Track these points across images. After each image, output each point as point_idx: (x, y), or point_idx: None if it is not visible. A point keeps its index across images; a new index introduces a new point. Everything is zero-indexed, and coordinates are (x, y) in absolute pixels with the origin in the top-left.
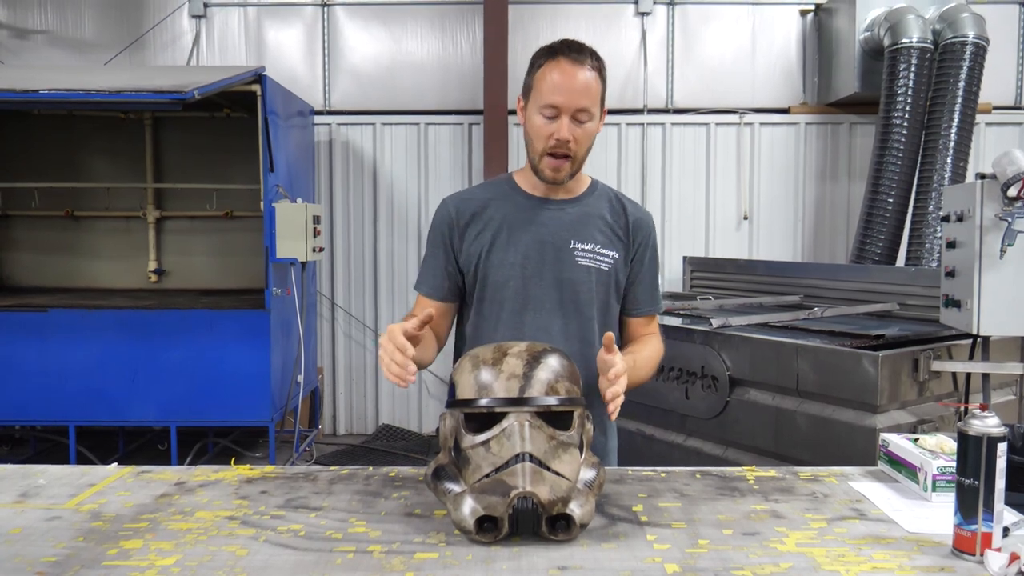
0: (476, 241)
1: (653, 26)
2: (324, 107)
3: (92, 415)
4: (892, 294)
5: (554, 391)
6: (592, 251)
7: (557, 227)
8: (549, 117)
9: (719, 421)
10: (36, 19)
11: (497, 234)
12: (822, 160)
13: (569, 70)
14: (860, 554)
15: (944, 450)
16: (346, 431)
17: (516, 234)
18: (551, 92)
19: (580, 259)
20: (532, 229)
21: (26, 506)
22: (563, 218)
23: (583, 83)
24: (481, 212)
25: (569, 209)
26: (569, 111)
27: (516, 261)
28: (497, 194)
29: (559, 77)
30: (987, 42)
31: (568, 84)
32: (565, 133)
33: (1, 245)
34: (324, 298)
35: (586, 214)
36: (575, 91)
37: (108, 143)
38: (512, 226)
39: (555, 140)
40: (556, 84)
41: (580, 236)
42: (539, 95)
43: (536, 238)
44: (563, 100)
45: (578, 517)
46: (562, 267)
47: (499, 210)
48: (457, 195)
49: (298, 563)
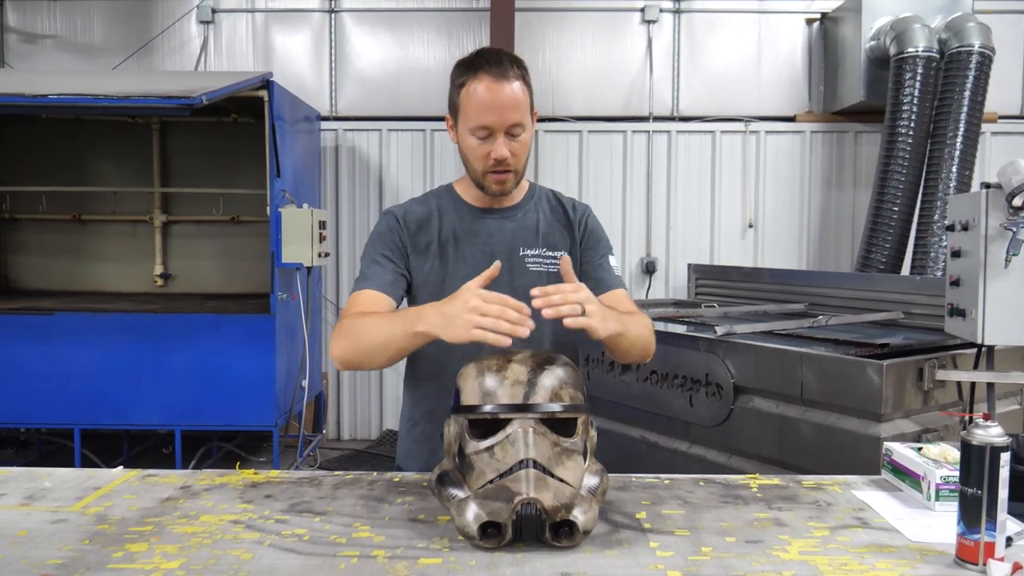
0: (424, 255)
1: (659, 34)
2: (331, 113)
3: (97, 418)
4: (897, 303)
5: (558, 398)
6: (540, 255)
7: (503, 236)
8: (482, 138)
9: (723, 429)
10: (45, 24)
11: (444, 248)
12: (827, 168)
13: (494, 87)
14: (863, 563)
15: (948, 459)
16: (350, 436)
17: (464, 247)
18: (479, 113)
19: (531, 265)
20: (479, 241)
21: (32, 509)
22: (508, 226)
23: (511, 98)
24: (426, 224)
25: (514, 216)
26: (502, 129)
27: (467, 274)
28: (440, 206)
29: (485, 96)
30: (993, 51)
31: (496, 102)
32: (503, 152)
33: (8, 248)
34: (329, 303)
35: (529, 219)
36: (505, 108)
37: (115, 147)
38: (459, 239)
39: (493, 160)
40: (483, 104)
41: (527, 242)
42: (467, 117)
43: (485, 250)
44: (494, 120)
45: (581, 524)
46: (513, 275)
47: (444, 223)
48: (399, 206)
49: (302, 568)
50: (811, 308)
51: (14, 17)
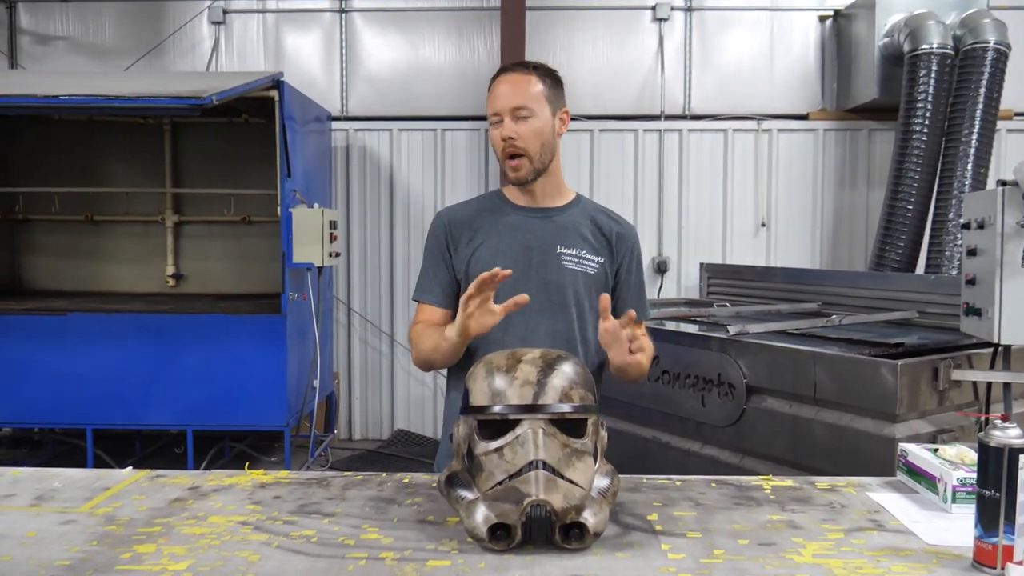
0: (467, 247)
1: (671, 32)
2: (341, 113)
3: (109, 418)
4: (911, 302)
5: (568, 398)
6: (578, 255)
7: (542, 233)
8: (495, 123)
9: (735, 429)
10: (57, 26)
11: (485, 240)
12: (841, 167)
13: (505, 79)
14: (878, 566)
15: (964, 461)
16: (362, 436)
17: (503, 240)
18: (491, 102)
19: (566, 263)
20: (519, 235)
21: (41, 509)
22: (548, 226)
23: (517, 84)
24: (472, 222)
25: (555, 217)
26: (507, 112)
27: (502, 264)
28: (487, 206)
29: (497, 87)
30: (1009, 48)
31: (503, 89)
32: (508, 132)
33: (21, 249)
34: (340, 303)
35: (571, 222)
36: (509, 93)
37: (127, 148)
38: (500, 233)
39: (502, 141)
40: (495, 94)
41: (566, 242)
42: (488, 111)
43: (522, 243)
44: (501, 103)
45: (592, 526)
46: (548, 270)
47: (488, 220)
48: (450, 208)
49: (310, 569)
50: (824, 307)
51: (26, 19)
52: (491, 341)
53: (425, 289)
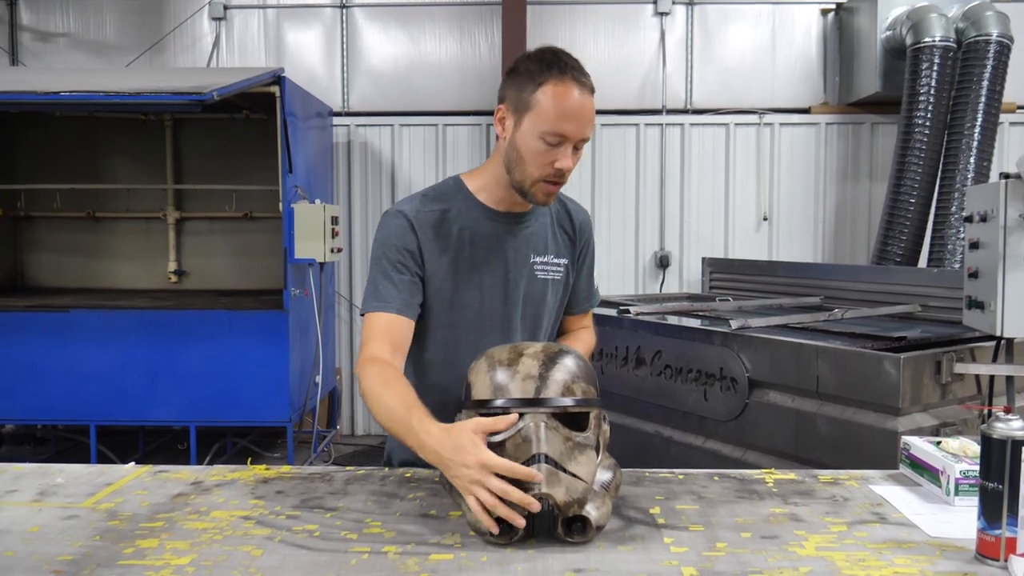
0: (439, 259)
1: (672, 26)
2: (343, 108)
3: (112, 415)
4: (914, 295)
5: (570, 392)
6: (547, 263)
7: (518, 243)
8: (552, 144)
9: (738, 423)
10: (58, 22)
11: (460, 252)
12: (843, 160)
13: (579, 96)
14: (881, 558)
15: (967, 453)
16: (364, 432)
17: (480, 252)
18: (560, 119)
19: (539, 273)
20: (496, 247)
21: (44, 505)
22: (523, 233)
23: (591, 112)
24: (440, 226)
25: (528, 222)
26: (575, 141)
27: (481, 281)
28: (454, 206)
29: (571, 104)
30: (1011, 40)
31: (579, 113)
32: (569, 163)
33: (23, 246)
34: (342, 299)
35: (542, 224)
36: (585, 121)
37: (129, 145)
38: (476, 245)
39: (555, 169)
40: (566, 112)
41: (538, 249)
42: (542, 118)
43: (500, 256)
44: (573, 130)
45: (594, 519)
46: (523, 283)
47: (459, 226)
48: (410, 206)
49: (313, 564)
50: (827, 301)
51: (27, 15)
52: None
53: (383, 298)
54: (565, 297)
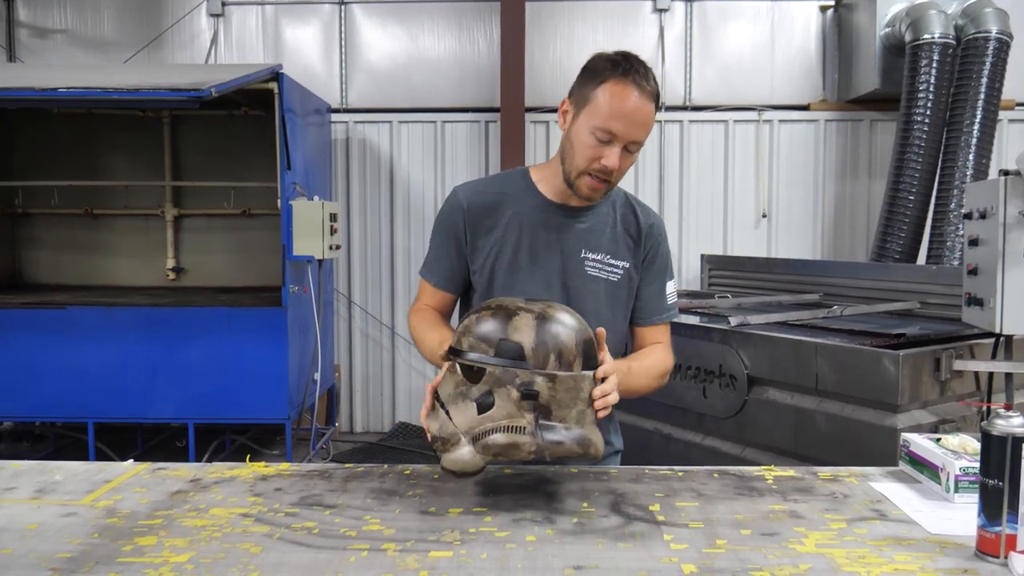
0: (486, 240)
1: (671, 23)
2: (341, 105)
3: (111, 412)
4: (913, 292)
5: (480, 350)
6: (602, 261)
7: (570, 235)
8: (602, 140)
9: (737, 420)
10: (56, 18)
11: (507, 236)
12: (842, 157)
13: (636, 99)
14: (881, 555)
15: (967, 450)
16: (363, 429)
17: (528, 239)
18: (612, 117)
19: (589, 269)
20: (544, 235)
21: (42, 502)
22: (576, 226)
23: (644, 115)
24: (494, 209)
25: (584, 217)
26: (624, 141)
27: (525, 266)
28: (513, 192)
29: (625, 104)
30: (1011, 37)
31: (632, 115)
32: (614, 162)
33: (21, 243)
34: (341, 296)
35: (600, 222)
36: (637, 123)
37: (127, 142)
38: (524, 229)
39: (600, 165)
40: (619, 111)
41: (591, 246)
42: (596, 114)
43: (547, 244)
44: (623, 130)
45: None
46: (570, 275)
47: (513, 210)
48: (470, 186)
49: (312, 561)
50: (826, 298)
51: (24, 12)
52: None
53: (431, 268)
54: (627, 302)
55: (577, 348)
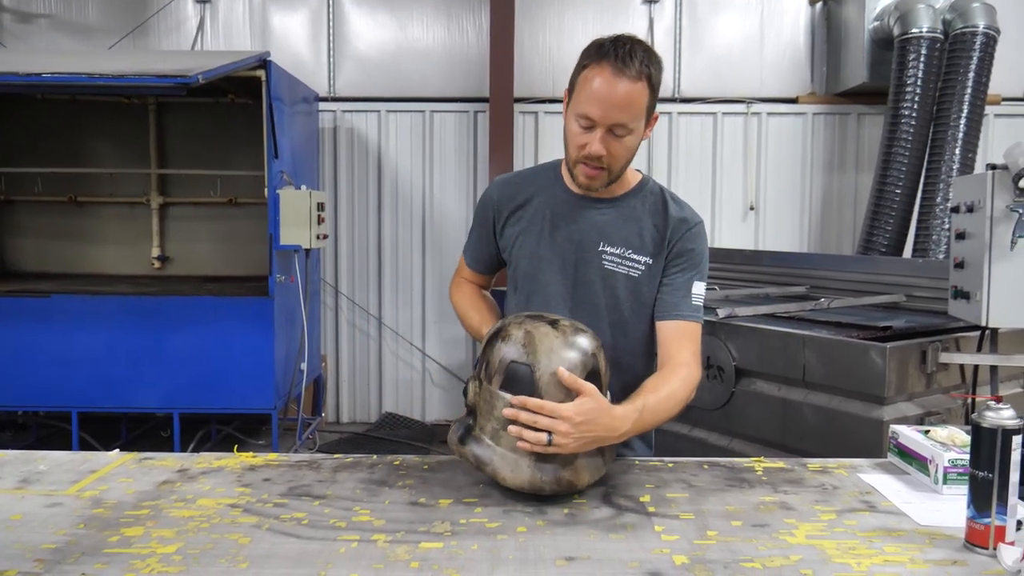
0: (513, 229)
1: (661, 15)
2: (329, 93)
3: (95, 401)
4: (899, 285)
5: None
6: (621, 255)
7: (589, 227)
8: (584, 127)
9: (724, 412)
10: (40, 3)
11: (531, 226)
12: (830, 150)
13: (610, 80)
14: (871, 547)
15: (956, 442)
16: (349, 419)
17: (548, 229)
18: (588, 102)
19: (607, 263)
20: (564, 226)
21: (27, 492)
22: (597, 218)
23: (623, 97)
24: (523, 200)
25: (606, 210)
26: (604, 125)
27: (542, 255)
28: (541, 183)
29: (599, 87)
30: (998, 32)
31: (606, 97)
32: (597, 148)
33: (4, 231)
34: (328, 286)
35: (623, 216)
36: (612, 106)
37: (112, 129)
38: (546, 219)
39: (586, 152)
40: (594, 94)
41: (611, 239)
42: (577, 101)
43: (566, 235)
44: (599, 114)
45: None
46: (586, 268)
47: (539, 201)
48: (504, 178)
49: (301, 552)
50: (813, 291)
51: None
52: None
53: (468, 249)
54: (649, 299)
55: (500, 364)
